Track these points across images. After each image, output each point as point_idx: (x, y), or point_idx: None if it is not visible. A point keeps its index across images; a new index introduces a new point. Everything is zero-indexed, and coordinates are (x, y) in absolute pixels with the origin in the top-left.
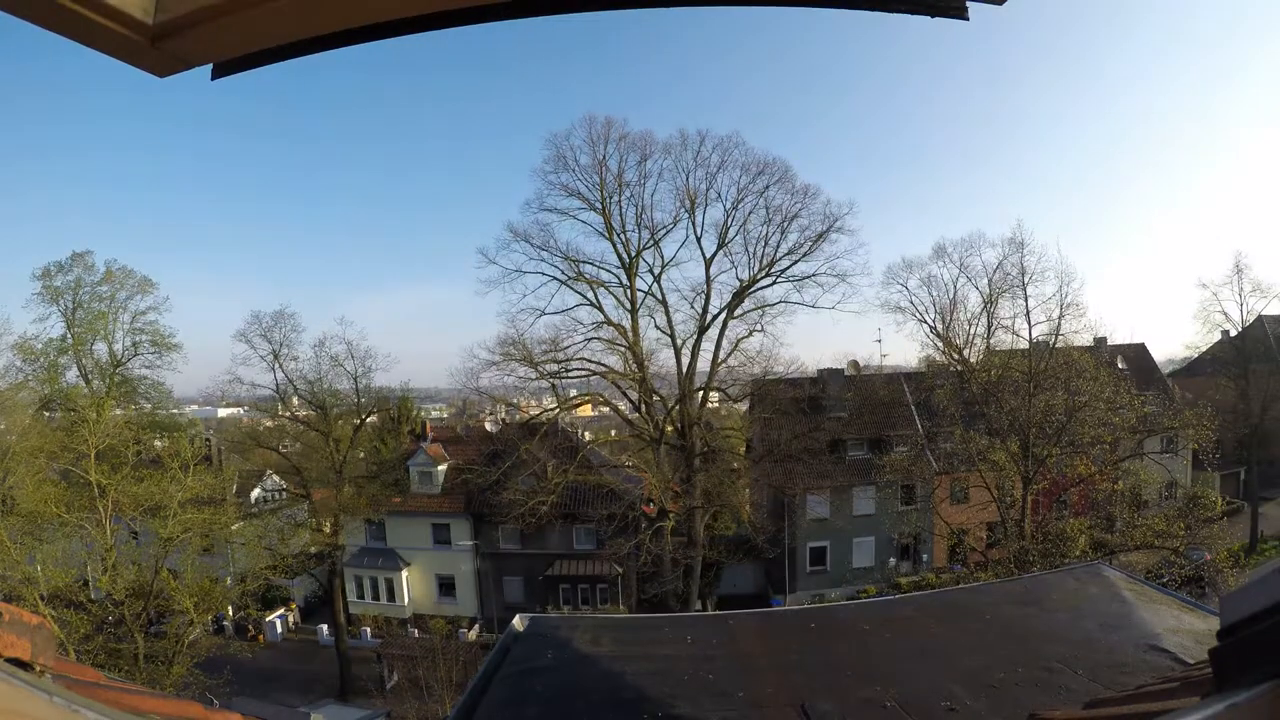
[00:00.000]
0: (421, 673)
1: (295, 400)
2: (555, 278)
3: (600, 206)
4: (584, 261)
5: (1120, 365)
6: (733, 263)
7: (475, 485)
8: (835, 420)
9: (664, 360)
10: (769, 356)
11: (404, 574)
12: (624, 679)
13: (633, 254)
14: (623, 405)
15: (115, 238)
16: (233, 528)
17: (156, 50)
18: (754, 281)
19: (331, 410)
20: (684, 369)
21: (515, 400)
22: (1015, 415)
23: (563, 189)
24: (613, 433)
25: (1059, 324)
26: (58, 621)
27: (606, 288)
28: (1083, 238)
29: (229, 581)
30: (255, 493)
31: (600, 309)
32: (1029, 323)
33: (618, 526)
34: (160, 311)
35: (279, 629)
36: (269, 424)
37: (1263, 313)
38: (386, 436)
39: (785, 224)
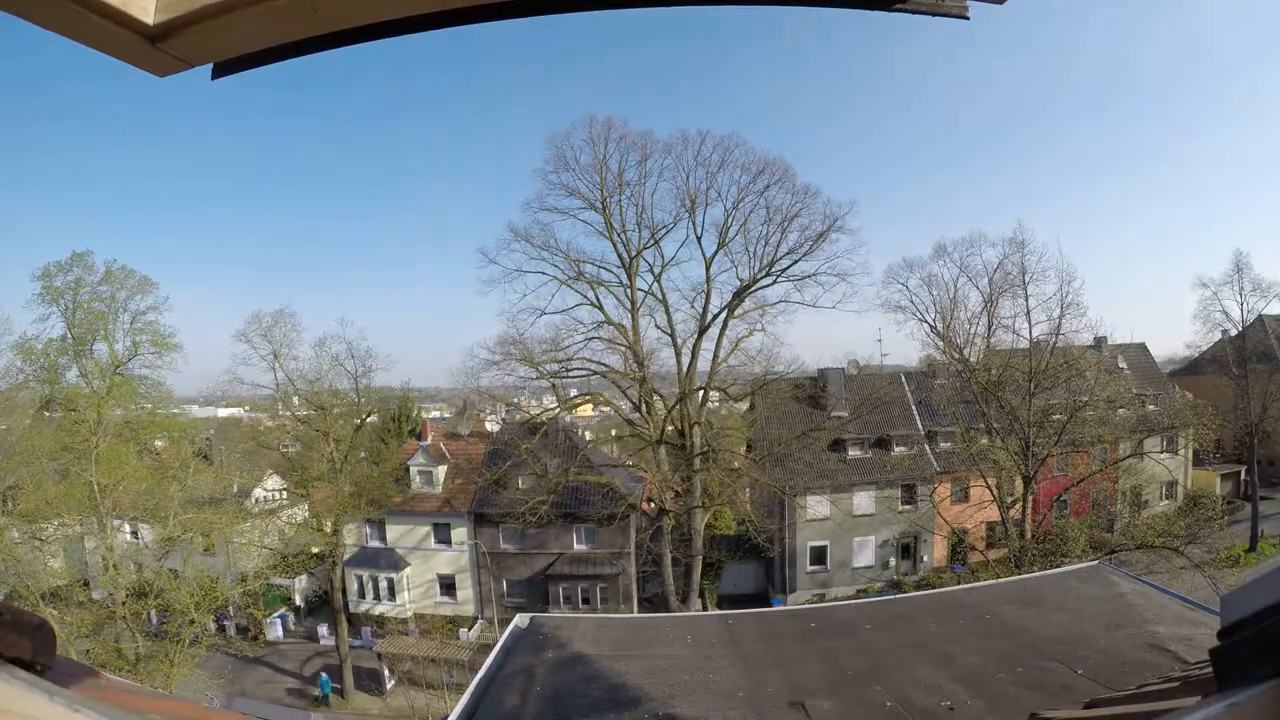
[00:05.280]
0: (422, 673)
1: (295, 400)
2: (555, 277)
3: (600, 206)
4: (584, 261)
5: (1121, 365)
6: (733, 262)
7: (475, 485)
8: (835, 419)
9: (664, 360)
10: (769, 356)
11: (404, 574)
12: (624, 679)
13: (633, 253)
14: (623, 405)
15: (124, 239)
16: (236, 527)
17: (156, 50)
18: (754, 281)
19: (332, 410)
20: (684, 368)
21: (516, 400)
22: (1015, 414)
23: (563, 188)
24: (613, 432)
25: (1059, 323)
26: (58, 621)
27: (607, 287)
28: (1084, 237)
29: (229, 581)
30: (256, 492)
31: (600, 308)
32: (1029, 322)
33: (618, 526)
34: (160, 311)
35: (279, 629)
36: (269, 424)
37: (1263, 312)
38: (386, 436)
39: (785, 223)
